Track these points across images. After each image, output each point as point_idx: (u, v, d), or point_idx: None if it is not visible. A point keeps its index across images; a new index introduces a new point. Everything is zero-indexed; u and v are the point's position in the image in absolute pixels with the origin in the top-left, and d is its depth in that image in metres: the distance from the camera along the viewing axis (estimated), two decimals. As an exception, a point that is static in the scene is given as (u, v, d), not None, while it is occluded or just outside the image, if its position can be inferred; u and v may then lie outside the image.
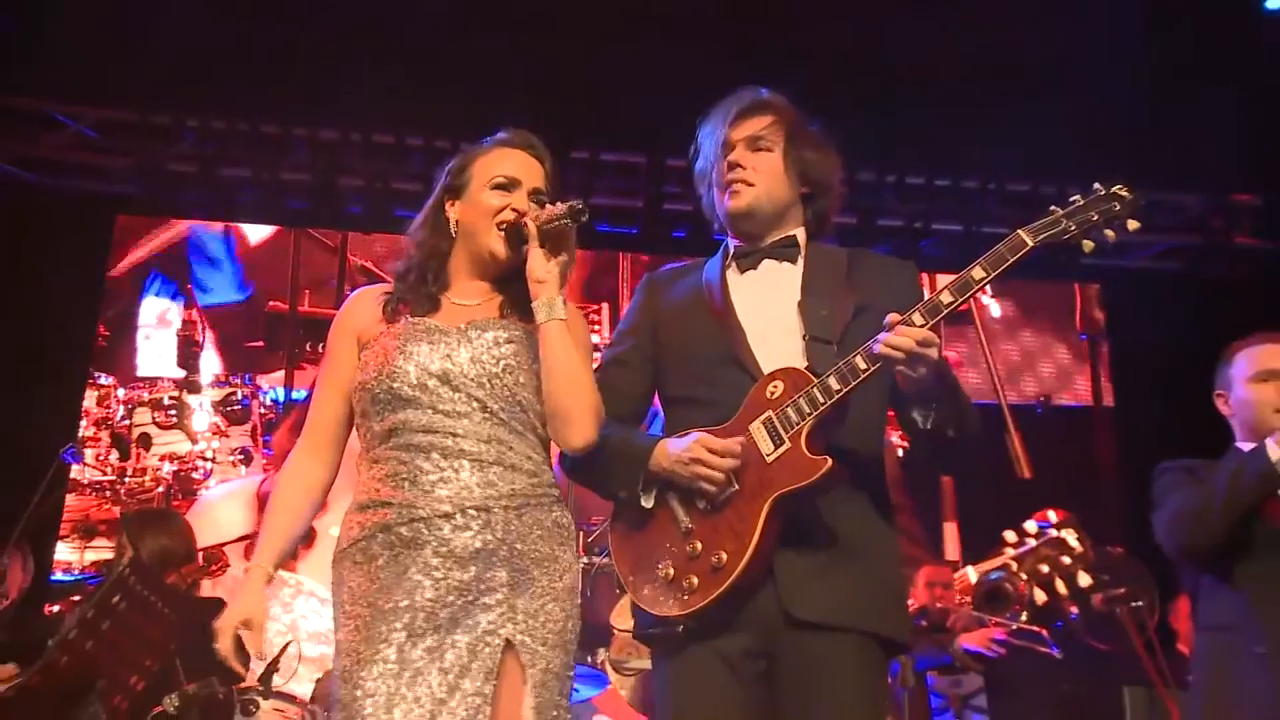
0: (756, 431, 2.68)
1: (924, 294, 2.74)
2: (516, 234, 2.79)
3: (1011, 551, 4.28)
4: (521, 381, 2.73)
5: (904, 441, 3.09)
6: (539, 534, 2.68)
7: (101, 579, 6.17)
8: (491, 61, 6.66)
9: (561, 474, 2.88)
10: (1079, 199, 2.72)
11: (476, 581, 2.60)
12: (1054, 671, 5.89)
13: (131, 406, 7.43)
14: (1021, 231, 2.68)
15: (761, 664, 2.68)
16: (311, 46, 6.52)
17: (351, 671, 2.56)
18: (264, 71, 6.73)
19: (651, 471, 2.74)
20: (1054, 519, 4.20)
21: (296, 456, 2.83)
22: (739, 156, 2.91)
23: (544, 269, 2.73)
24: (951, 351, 7.64)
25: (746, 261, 2.95)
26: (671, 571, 2.69)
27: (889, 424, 2.95)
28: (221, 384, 7.61)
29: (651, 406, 3.04)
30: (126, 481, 7.29)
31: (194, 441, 7.43)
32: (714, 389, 2.80)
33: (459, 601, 2.58)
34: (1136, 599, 5.39)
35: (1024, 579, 5.62)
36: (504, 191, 2.84)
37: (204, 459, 7.43)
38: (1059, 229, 2.68)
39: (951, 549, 7.71)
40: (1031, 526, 4.22)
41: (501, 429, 2.70)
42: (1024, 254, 2.66)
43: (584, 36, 6.65)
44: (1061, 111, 6.64)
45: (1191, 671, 3.72)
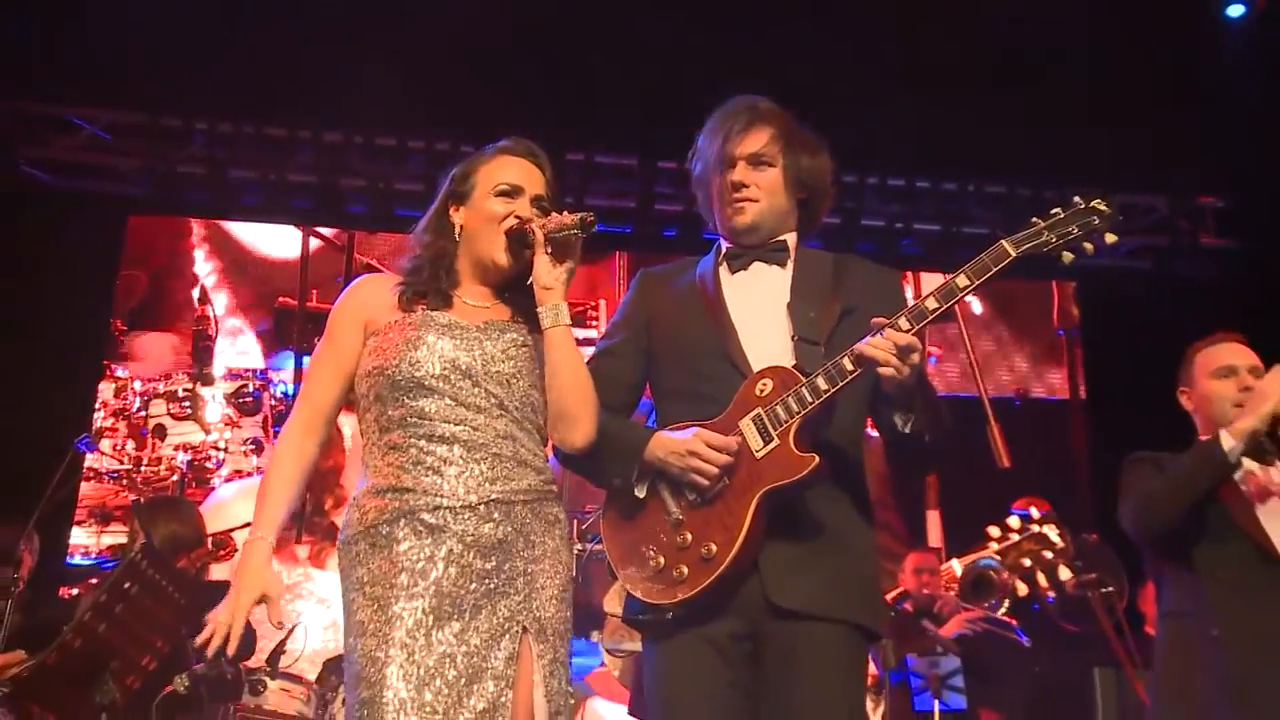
0: (746, 428, 2.68)
1: (906, 298, 2.75)
2: (520, 239, 2.79)
3: (995, 546, 4.29)
4: (534, 384, 2.75)
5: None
6: (545, 528, 2.70)
7: (117, 563, 6.19)
8: (490, 68, 6.67)
9: (557, 464, 2.88)
10: (1059, 211, 2.74)
11: (497, 571, 2.60)
12: (1027, 653, 5.91)
13: (147, 398, 7.46)
14: (1004, 242, 2.70)
15: (748, 646, 2.68)
16: (316, 53, 6.52)
17: (377, 654, 2.53)
18: (270, 76, 6.75)
19: (646, 462, 2.75)
20: (1035, 514, 4.21)
21: (292, 432, 2.79)
22: (742, 175, 2.91)
23: (550, 276, 2.74)
24: (935, 347, 7.67)
25: (737, 263, 2.95)
26: (662, 561, 2.70)
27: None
28: (234, 377, 7.62)
29: (643, 398, 3.05)
30: (142, 470, 7.31)
31: (207, 432, 7.46)
32: (705, 383, 2.80)
33: (480, 589, 2.59)
34: (1106, 584, 5.40)
35: (1006, 570, 5.70)
36: (508, 198, 2.83)
37: (217, 449, 7.45)
38: (1040, 240, 2.71)
39: (934, 536, 7.73)
40: (1014, 522, 4.23)
41: (515, 426, 2.71)
42: (1006, 264, 2.68)
43: (579, 44, 6.68)
44: (1036, 117, 6.67)
45: (1155, 655, 3.75)
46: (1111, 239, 2.73)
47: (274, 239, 7.93)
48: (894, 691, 5.78)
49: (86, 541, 7.08)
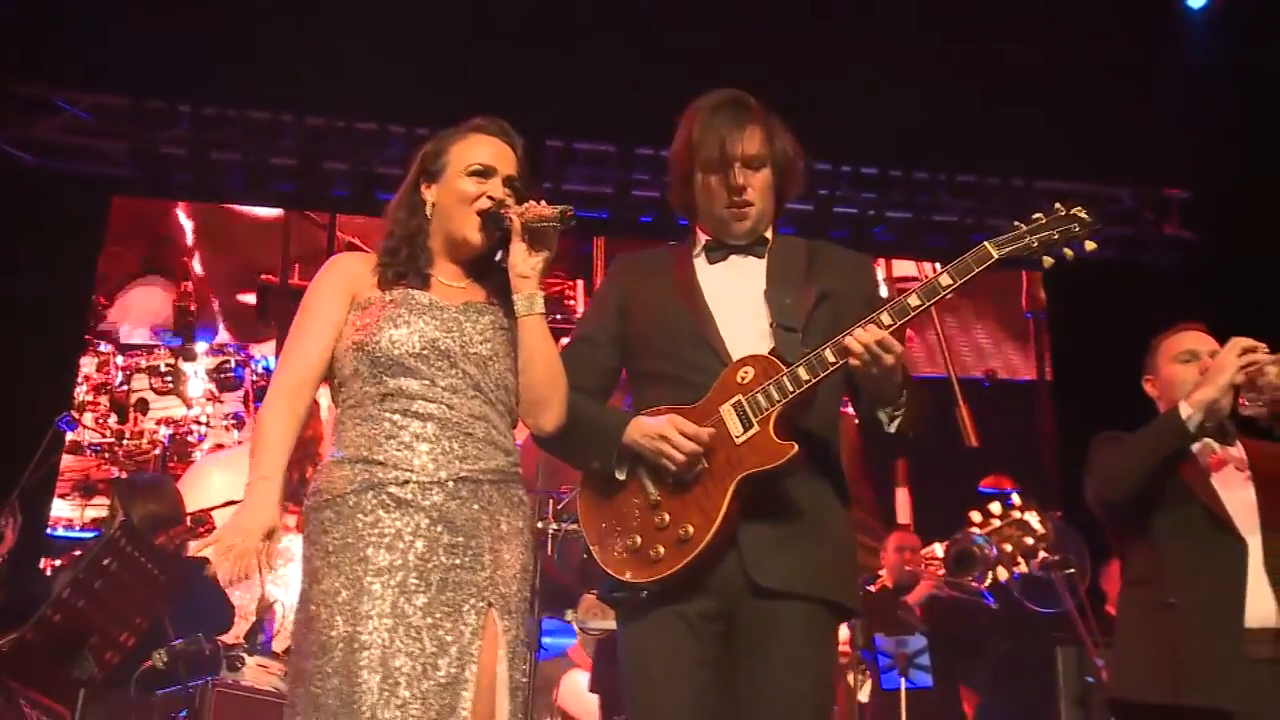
0: (727, 414, 2.67)
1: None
2: (494, 220, 2.75)
3: (977, 531, 4.28)
4: (509, 367, 2.73)
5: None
6: (511, 509, 2.69)
7: (99, 534, 6.15)
8: (471, 54, 6.66)
9: (526, 449, 2.87)
10: (1041, 217, 2.74)
11: (464, 548, 2.58)
12: (992, 632, 5.94)
13: (129, 373, 7.46)
14: (988, 244, 2.70)
15: (719, 626, 2.67)
16: (299, 38, 6.48)
17: (347, 626, 2.51)
18: (253, 61, 6.70)
19: (624, 445, 2.73)
20: (1017, 500, 4.20)
21: (279, 392, 2.71)
22: (741, 178, 2.86)
23: (526, 265, 2.71)
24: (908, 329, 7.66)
25: (716, 254, 2.93)
26: (639, 540, 2.68)
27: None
28: (215, 352, 7.60)
29: (619, 382, 3.03)
30: (125, 444, 7.31)
31: (189, 406, 7.45)
32: (681, 368, 2.78)
33: (447, 564, 2.56)
34: (1070, 565, 5.42)
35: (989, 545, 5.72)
36: (480, 178, 2.79)
37: (198, 423, 7.45)
38: (1022, 244, 2.71)
39: (903, 513, 7.77)
40: (996, 507, 4.23)
41: (489, 408, 2.69)
42: (989, 265, 2.69)
43: (559, 32, 6.65)
44: (1005, 109, 6.67)
45: (1116, 622, 3.77)
46: (1091, 246, 2.75)
47: (257, 216, 7.91)
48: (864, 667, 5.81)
49: (69, 514, 7.09)
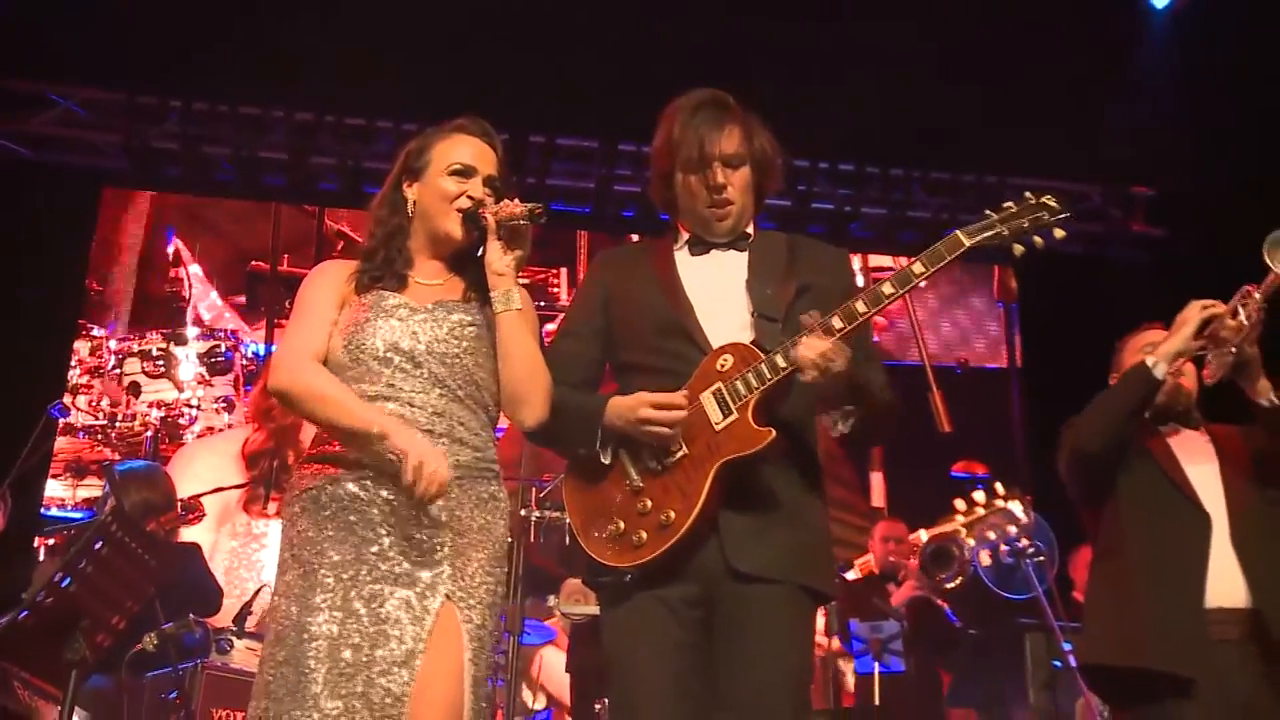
0: (706, 401, 2.67)
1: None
2: (472, 219, 2.75)
3: (961, 519, 4.31)
4: (479, 363, 2.72)
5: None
6: (475, 504, 2.66)
7: (92, 514, 6.14)
8: (456, 52, 6.64)
9: (511, 437, 2.86)
10: (1011, 205, 2.75)
11: (420, 542, 2.58)
12: (963, 618, 5.96)
13: (122, 356, 7.45)
14: (959, 232, 2.71)
15: (700, 612, 2.68)
16: (289, 34, 6.46)
17: (299, 616, 2.53)
18: (244, 56, 6.68)
19: (606, 428, 2.73)
20: (1000, 489, 4.22)
21: (303, 360, 2.65)
22: (721, 177, 2.86)
23: (502, 262, 2.71)
24: (882, 318, 7.70)
25: (698, 249, 2.93)
26: (622, 526, 2.68)
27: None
28: (206, 337, 7.59)
29: (604, 375, 3.02)
30: (117, 426, 7.32)
31: (180, 390, 7.44)
32: (663, 359, 2.78)
33: (402, 558, 2.56)
34: (1039, 553, 5.45)
35: (970, 544, 5.77)
36: (461, 178, 2.79)
37: (189, 406, 7.46)
38: (993, 233, 2.72)
39: (878, 497, 7.79)
40: (980, 496, 4.25)
41: (456, 405, 2.67)
42: (960, 253, 2.70)
43: (543, 31, 6.65)
44: (979, 109, 6.68)
45: (1086, 594, 3.80)
46: (1060, 234, 2.75)
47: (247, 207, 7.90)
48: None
49: (62, 494, 7.10)
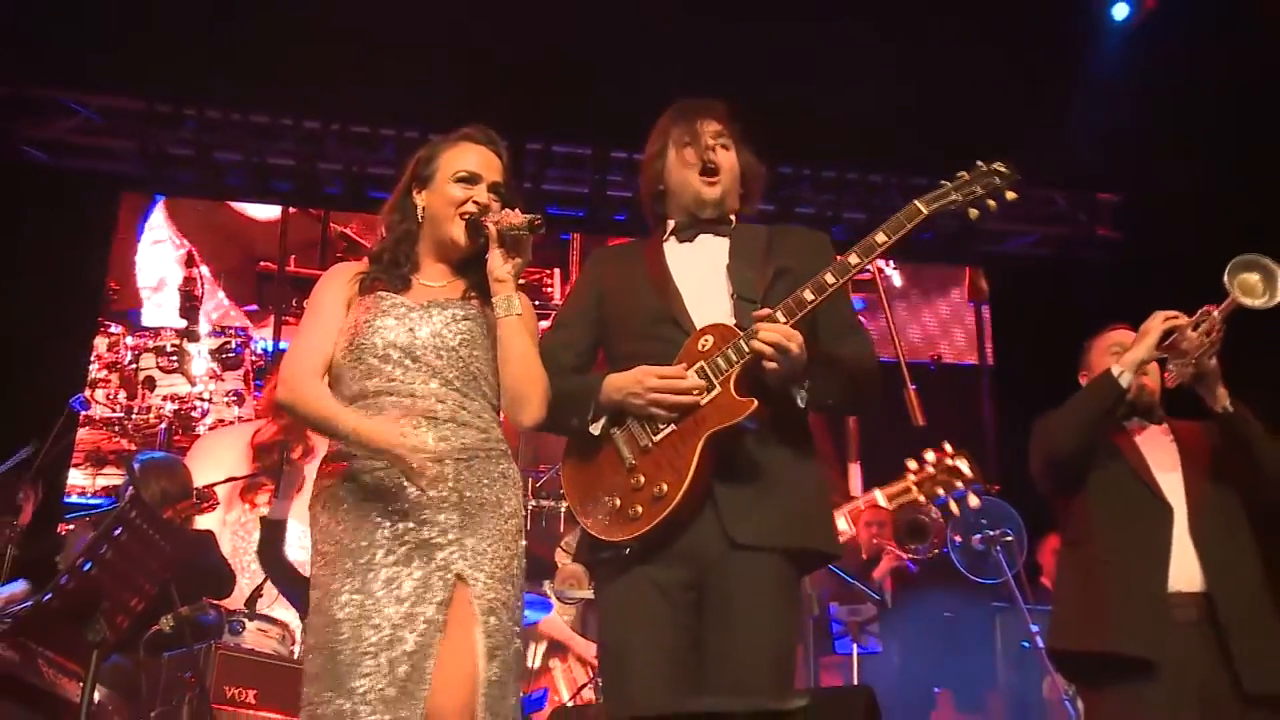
0: (691, 379, 2.68)
1: (834, 259, 2.78)
2: (476, 226, 2.76)
3: (913, 477, 4.33)
4: (476, 355, 2.72)
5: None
6: (486, 483, 2.66)
7: (112, 501, 6.15)
8: (457, 64, 6.65)
9: (507, 431, 2.86)
10: (964, 174, 2.81)
11: (430, 524, 2.58)
12: (936, 601, 5.98)
13: (138, 352, 7.46)
14: (917, 201, 2.76)
15: (692, 595, 2.68)
16: (298, 47, 6.46)
17: (322, 602, 2.55)
18: (255, 67, 6.69)
19: (601, 403, 2.74)
20: (949, 448, 4.27)
21: (305, 378, 2.68)
22: (712, 142, 2.91)
23: (503, 269, 2.71)
24: (860, 316, 7.70)
25: (685, 235, 2.95)
26: (618, 501, 2.69)
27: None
28: (217, 334, 7.61)
29: (596, 361, 3.03)
30: (133, 418, 7.33)
31: (192, 384, 7.46)
32: (653, 344, 2.79)
33: (414, 540, 2.57)
34: (1008, 539, 5.48)
35: (937, 513, 5.79)
36: (466, 185, 2.80)
37: (201, 399, 7.46)
38: (949, 199, 2.78)
39: (855, 486, 7.80)
40: (930, 456, 4.28)
41: (454, 393, 2.68)
42: (919, 220, 2.75)
43: (540, 44, 6.66)
44: (954, 118, 6.70)
45: (1055, 580, 3.81)
46: (1011, 196, 2.80)
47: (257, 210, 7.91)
48: (816, 634, 5.84)
49: (83, 482, 7.11)
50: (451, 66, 6.64)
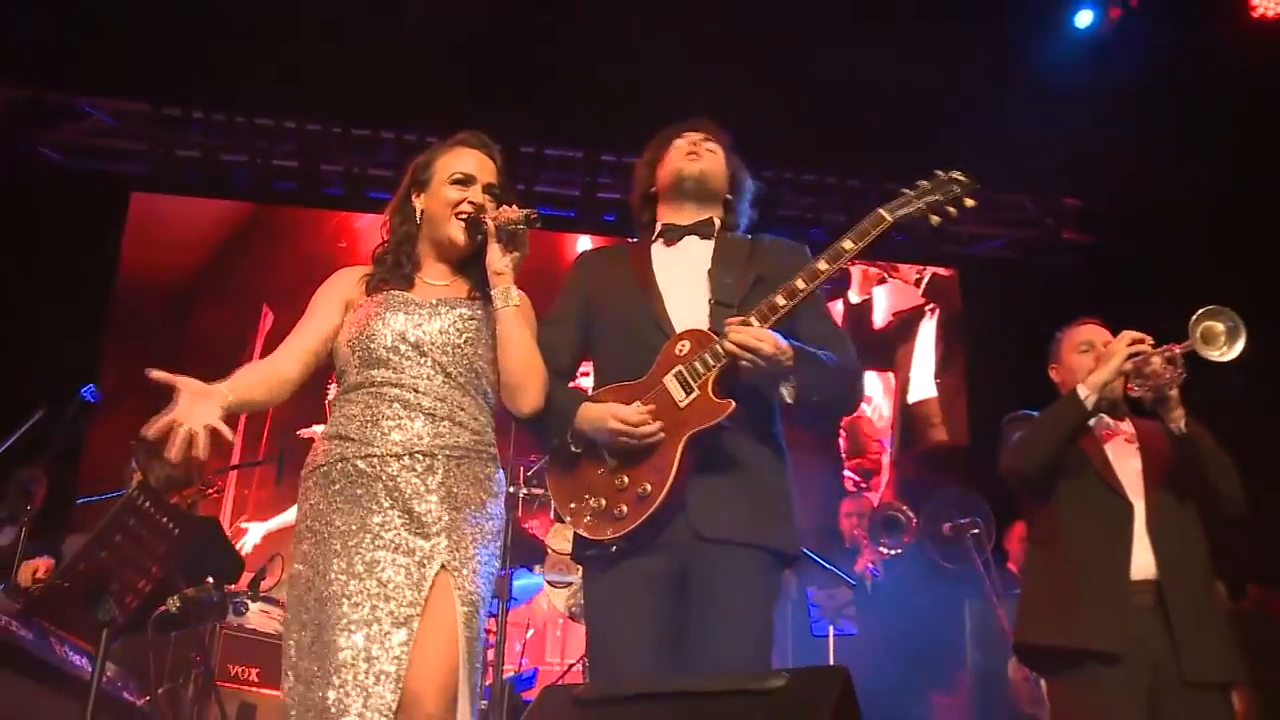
0: (669, 382, 2.69)
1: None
2: (474, 225, 2.77)
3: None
4: (479, 353, 2.74)
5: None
6: (472, 483, 2.67)
7: (119, 492, 6.14)
8: (454, 70, 6.66)
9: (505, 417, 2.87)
10: (925, 183, 2.85)
11: (419, 515, 2.59)
12: (910, 587, 6.01)
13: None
14: (881, 209, 2.80)
15: (676, 582, 2.68)
16: (301, 51, 6.46)
17: (313, 580, 2.57)
18: (260, 72, 6.69)
19: (576, 430, 2.74)
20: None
21: (270, 357, 2.75)
22: (701, 135, 2.97)
23: (501, 263, 2.72)
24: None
25: (671, 235, 2.96)
26: (603, 502, 2.69)
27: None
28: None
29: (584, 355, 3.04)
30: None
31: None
32: (634, 344, 2.80)
33: (402, 529, 2.58)
34: (977, 528, 5.51)
35: (914, 515, 6.00)
36: (462, 186, 2.82)
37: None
38: (912, 208, 2.82)
39: (846, 483, 7.82)
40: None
41: (456, 391, 2.70)
42: (884, 228, 2.78)
43: (533, 50, 6.70)
44: (929, 125, 6.72)
45: (1022, 577, 3.83)
46: (970, 203, 2.84)
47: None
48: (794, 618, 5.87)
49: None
50: (448, 73, 6.67)
